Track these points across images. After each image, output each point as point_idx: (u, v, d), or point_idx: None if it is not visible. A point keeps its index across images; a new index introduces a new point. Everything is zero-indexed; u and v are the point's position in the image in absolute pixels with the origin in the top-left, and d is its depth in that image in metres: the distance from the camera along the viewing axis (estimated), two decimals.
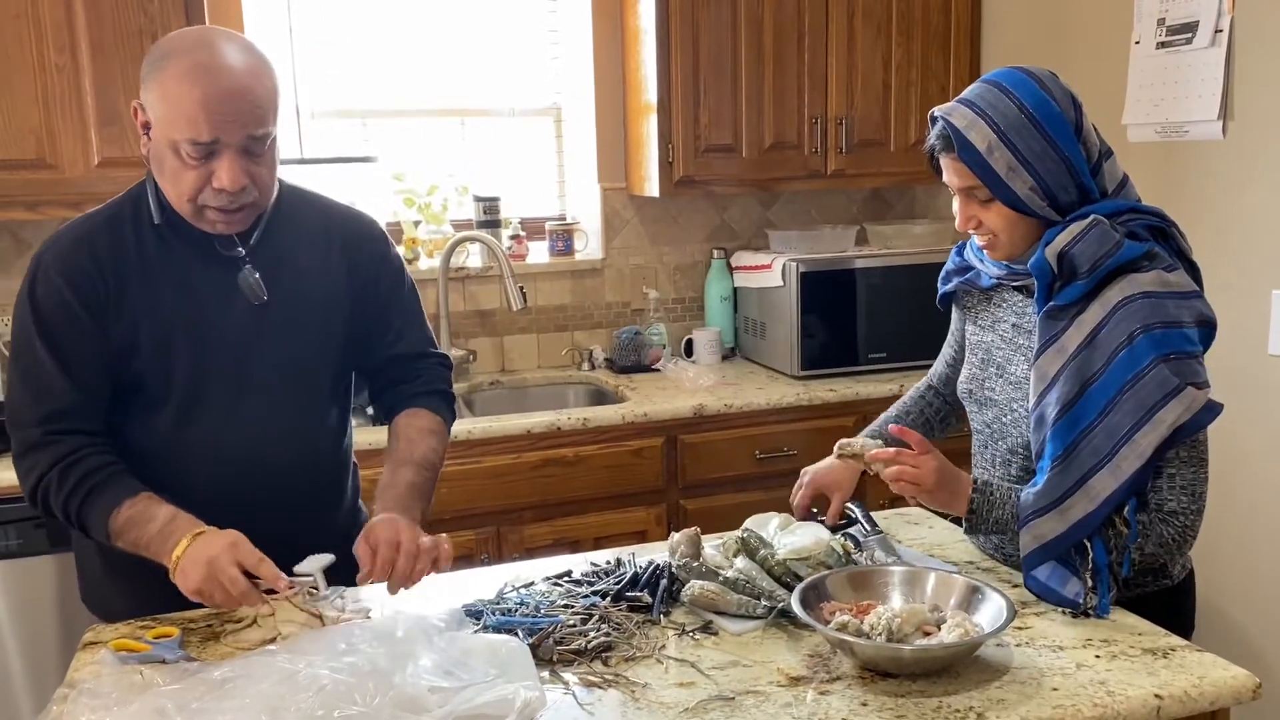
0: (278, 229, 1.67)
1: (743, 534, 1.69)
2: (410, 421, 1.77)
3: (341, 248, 1.73)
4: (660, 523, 2.87)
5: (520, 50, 3.42)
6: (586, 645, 1.44)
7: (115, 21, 2.60)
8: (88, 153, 2.63)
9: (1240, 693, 1.35)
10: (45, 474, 1.55)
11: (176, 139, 1.49)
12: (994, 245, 1.61)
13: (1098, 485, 1.48)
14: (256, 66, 1.53)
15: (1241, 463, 2.49)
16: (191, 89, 1.46)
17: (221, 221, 1.56)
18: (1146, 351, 1.46)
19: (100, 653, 1.45)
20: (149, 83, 1.51)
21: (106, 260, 1.58)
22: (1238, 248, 2.48)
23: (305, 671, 1.27)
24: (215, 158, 1.50)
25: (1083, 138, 1.53)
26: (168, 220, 1.60)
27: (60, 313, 1.56)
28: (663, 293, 3.49)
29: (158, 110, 1.50)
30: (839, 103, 3.21)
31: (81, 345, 1.57)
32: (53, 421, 1.56)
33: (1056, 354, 1.52)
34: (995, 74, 1.57)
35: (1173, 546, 1.51)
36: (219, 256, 1.62)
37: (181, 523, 1.51)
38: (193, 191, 1.52)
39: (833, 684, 1.35)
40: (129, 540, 1.53)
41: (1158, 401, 1.45)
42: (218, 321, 1.62)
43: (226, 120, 1.48)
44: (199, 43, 1.51)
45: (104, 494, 1.54)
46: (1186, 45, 2.55)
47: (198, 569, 1.45)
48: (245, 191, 1.53)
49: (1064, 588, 1.52)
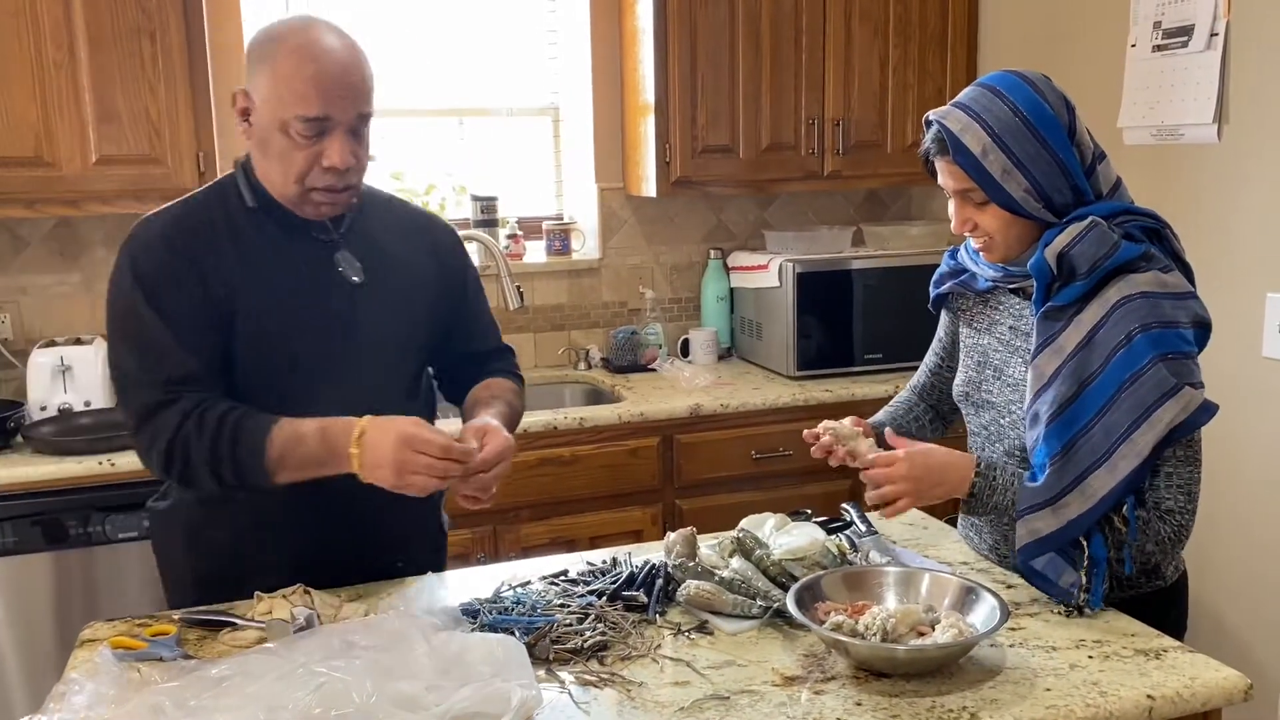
0: (365, 219, 1.70)
1: (738, 534, 1.69)
2: (490, 382, 1.81)
3: (430, 249, 1.77)
4: (656, 522, 2.88)
5: (518, 50, 3.42)
6: (582, 644, 1.45)
7: (113, 18, 2.60)
8: (85, 150, 2.63)
9: (1232, 694, 1.36)
10: (179, 427, 1.52)
11: (286, 117, 1.51)
12: (990, 247, 1.61)
13: (1095, 484, 1.48)
14: (359, 49, 1.58)
15: (1235, 464, 2.50)
16: (302, 65, 1.50)
17: (326, 203, 1.59)
18: (1144, 351, 1.47)
19: (97, 650, 1.46)
20: (257, 66, 1.53)
21: (203, 234, 1.59)
22: (1233, 251, 2.49)
23: (302, 670, 1.27)
24: (325, 136, 1.53)
25: (1076, 140, 1.55)
26: (262, 205, 1.61)
27: (164, 277, 1.56)
28: (659, 293, 3.49)
29: (266, 91, 1.52)
30: (836, 104, 3.22)
31: (189, 307, 1.56)
32: (170, 384, 1.55)
33: (1054, 354, 1.53)
34: (989, 77, 1.58)
35: (1169, 545, 1.52)
36: (313, 240, 1.64)
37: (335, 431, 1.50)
38: (301, 172, 1.54)
39: (827, 684, 1.36)
40: (294, 465, 1.52)
41: (1155, 401, 1.46)
42: (314, 302, 1.63)
43: (338, 96, 1.51)
44: (307, 25, 1.55)
45: (248, 430, 1.52)
46: (1182, 48, 2.56)
47: (385, 470, 1.47)
48: (351, 172, 1.56)
49: (1059, 578, 1.54)
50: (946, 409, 1.90)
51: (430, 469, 1.47)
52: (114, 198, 2.68)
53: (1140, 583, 1.62)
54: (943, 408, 1.90)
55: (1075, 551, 1.53)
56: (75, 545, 2.49)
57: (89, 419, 2.71)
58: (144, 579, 2.54)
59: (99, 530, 2.50)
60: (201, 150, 2.71)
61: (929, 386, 1.90)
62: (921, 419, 1.89)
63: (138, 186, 2.68)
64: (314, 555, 1.65)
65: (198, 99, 2.70)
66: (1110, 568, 1.51)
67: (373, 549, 1.63)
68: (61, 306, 2.97)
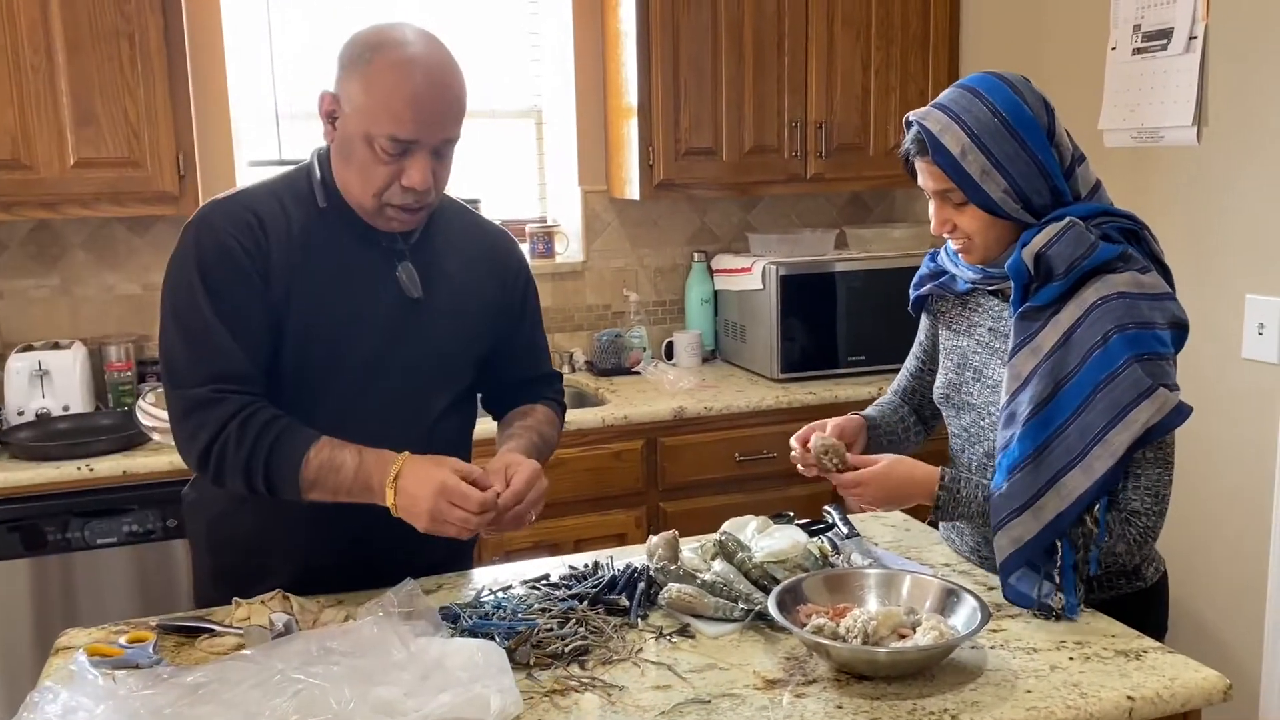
0: (433, 231, 1.68)
1: (720, 537, 1.69)
2: (529, 407, 1.82)
3: (489, 261, 1.75)
4: (640, 525, 2.87)
5: (501, 52, 3.42)
6: (563, 649, 1.44)
7: (91, 21, 2.58)
8: (63, 153, 2.61)
9: (1211, 694, 1.36)
10: (221, 430, 1.51)
11: (375, 133, 1.49)
12: (969, 248, 1.62)
13: (1070, 484, 1.48)
14: (458, 72, 1.55)
15: (1214, 465, 2.52)
16: (401, 85, 1.48)
17: (399, 220, 1.57)
18: (1120, 351, 1.47)
19: (73, 657, 1.44)
20: (350, 73, 1.51)
21: (270, 225, 1.57)
22: (1212, 252, 2.51)
23: (280, 676, 1.26)
24: (408, 155, 1.51)
25: (1055, 141, 1.55)
26: (333, 207, 1.60)
27: (226, 264, 1.54)
28: (643, 295, 3.49)
29: (358, 101, 1.50)
30: (818, 107, 3.23)
31: (248, 303, 1.54)
32: (220, 380, 1.53)
33: (1031, 354, 1.53)
34: (969, 79, 1.58)
35: (1134, 547, 1.52)
36: (380, 248, 1.62)
37: (371, 463, 1.50)
38: (381, 187, 1.53)
39: (809, 687, 1.36)
40: (327, 489, 1.52)
41: (1131, 401, 1.46)
42: (368, 311, 1.61)
43: (431, 121, 1.50)
44: (407, 40, 1.52)
45: (287, 446, 1.51)
46: (1162, 51, 2.58)
47: (420, 519, 1.47)
48: (429, 191, 1.54)
49: (1033, 591, 1.53)
50: (928, 413, 1.90)
51: (464, 521, 1.48)
52: (93, 200, 2.66)
53: (1121, 584, 1.63)
54: (924, 411, 1.90)
55: (1044, 559, 1.53)
56: (54, 551, 2.47)
57: (67, 424, 2.70)
58: (123, 585, 2.53)
59: (78, 536, 2.48)
60: (181, 152, 2.70)
61: (910, 389, 1.91)
62: (906, 420, 1.89)
63: (116, 189, 2.66)
64: (338, 554, 1.64)
65: (177, 101, 2.68)
66: (1077, 570, 1.52)
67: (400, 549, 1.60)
68: (40, 310, 2.95)
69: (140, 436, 2.60)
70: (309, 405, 1.60)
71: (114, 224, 2.97)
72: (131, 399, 2.83)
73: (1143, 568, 1.65)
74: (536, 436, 1.74)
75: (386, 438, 1.60)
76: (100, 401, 2.90)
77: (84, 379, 2.80)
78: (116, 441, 2.57)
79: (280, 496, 1.54)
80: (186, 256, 1.56)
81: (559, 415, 1.87)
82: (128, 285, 3.01)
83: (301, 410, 1.58)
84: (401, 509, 1.49)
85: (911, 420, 1.90)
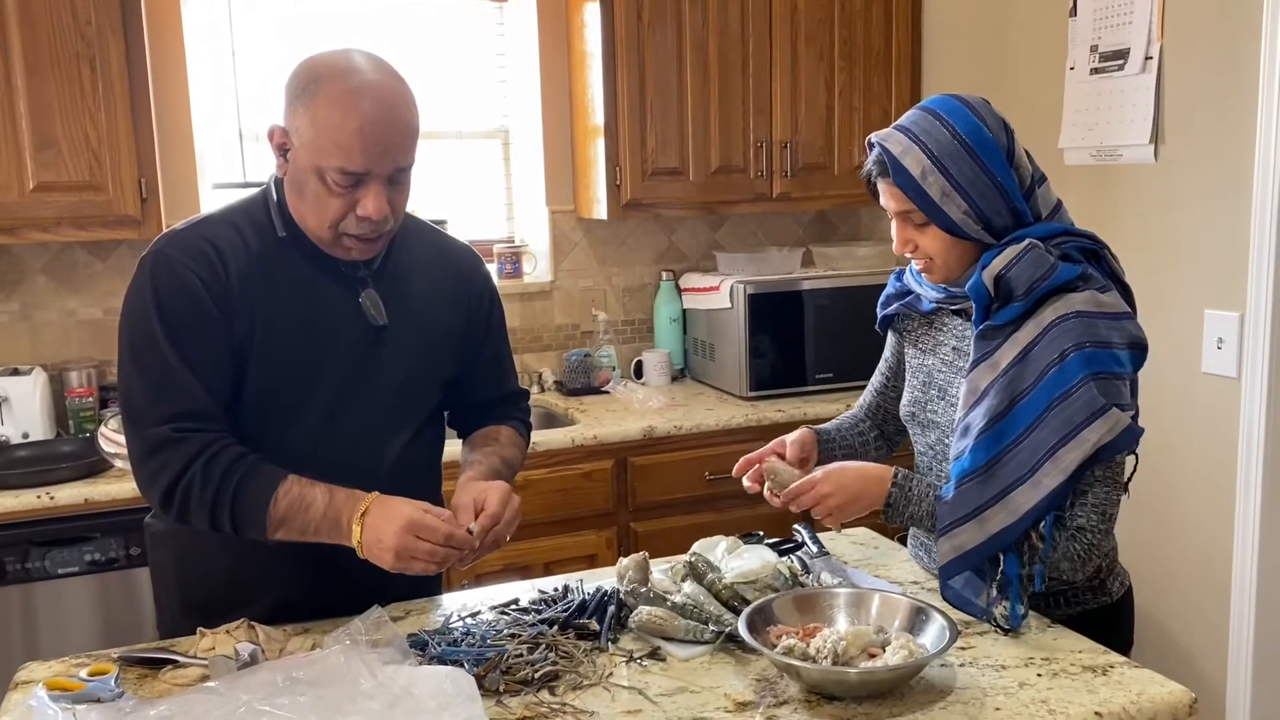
0: (395, 255, 1.66)
1: (690, 558, 1.69)
2: (493, 429, 1.81)
3: (454, 279, 1.74)
4: (611, 546, 2.86)
5: (468, 73, 3.42)
6: (533, 675, 1.43)
7: (51, 45, 2.56)
8: (23, 177, 2.58)
9: (1177, 708, 1.37)
10: (185, 470, 1.49)
11: (324, 166, 1.47)
12: (930, 269, 1.63)
13: (1019, 499, 1.50)
14: (407, 97, 1.53)
15: (1175, 478, 2.55)
16: (347, 119, 1.45)
17: (357, 249, 1.56)
18: (1076, 370, 1.48)
19: (33, 692, 1.41)
20: (295, 107, 1.49)
21: (229, 254, 1.55)
22: (1171, 268, 2.54)
23: (245, 709, 1.24)
24: (361, 187, 1.49)
25: (1015, 163, 1.57)
26: (292, 236, 1.58)
27: (185, 300, 1.52)
28: (612, 315, 3.49)
29: (305, 135, 1.48)
30: (783, 127, 3.25)
31: (206, 337, 1.52)
32: (181, 419, 1.51)
33: (988, 369, 1.55)
34: (930, 101, 1.60)
35: (1078, 563, 1.53)
36: (341, 276, 1.60)
37: (340, 501, 1.50)
38: (336, 218, 1.51)
39: (779, 708, 1.36)
40: (295, 528, 1.50)
41: (1084, 420, 1.47)
42: (334, 339, 1.59)
43: (379, 152, 1.47)
44: (351, 69, 1.49)
45: (253, 486, 1.50)
46: (1119, 71, 2.62)
47: (386, 555, 1.47)
48: (385, 220, 1.53)
49: (977, 597, 1.56)
50: (892, 429, 1.91)
51: (431, 555, 1.48)
52: (53, 225, 2.63)
53: (1087, 599, 1.64)
54: (888, 428, 1.91)
55: (990, 570, 1.54)
56: (13, 581, 2.43)
57: (27, 451, 2.66)
58: (86, 615, 2.49)
59: (38, 566, 2.43)
60: (143, 177, 2.67)
61: (875, 406, 1.92)
62: (866, 435, 1.91)
63: (77, 214, 2.63)
64: (314, 585, 1.62)
65: (139, 124, 2.66)
66: (1022, 584, 1.53)
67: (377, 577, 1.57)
68: None
69: (102, 464, 2.56)
70: (275, 437, 1.58)
71: (75, 248, 2.93)
72: (93, 425, 2.79)
73: (1108, 582, 1.66)
74: (499, 461, 1.74)
75: (356, 466, 1.59)
76: (61, 428, 2.86)
77: (44, 405, 2.76)
78: (78, 469, 2.53)
79: (245, 535, 1.52)
80: (143, 292, 1.53)
81: (524, 436, 1.87)
82: (89, 310, 2.98)
83: (268, 442, 1.57)
84: (367, 545, 1.48)
85: (872, 435, 1.91)
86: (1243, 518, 2.40)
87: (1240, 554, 2.41)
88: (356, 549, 1.49)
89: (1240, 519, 2.41)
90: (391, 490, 1.57)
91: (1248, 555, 2.39)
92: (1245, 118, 2.34)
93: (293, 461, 1.55)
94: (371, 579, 1.55)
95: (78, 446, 2.70)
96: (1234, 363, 2.41)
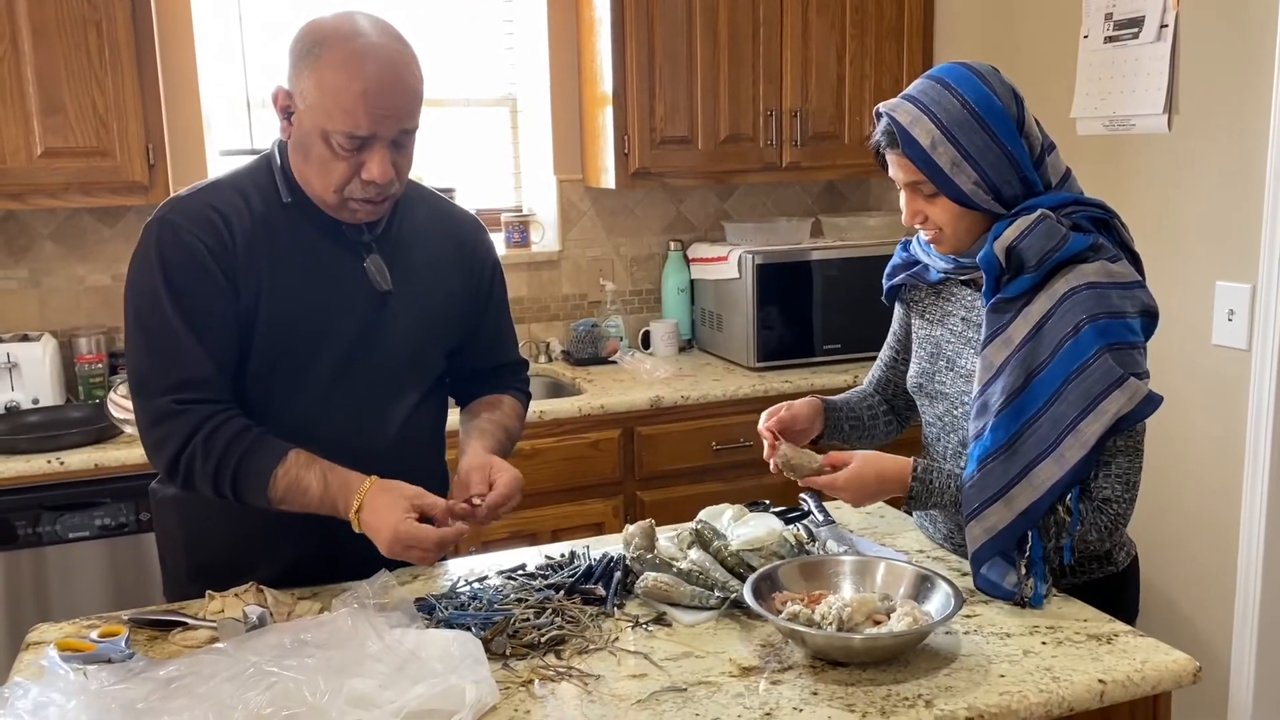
0: (399, 220, 1.67)
1: (696, 525, 1.69)
2: (494, 398, 1.82)
3: (457, 247, 1.74)
4: (617, 515, 2.87)
5: (475, 41, 3.40)
6: (539, 639, 1.44)
7: (58, 9, 2.54)
8: (30, 143, 2.57)
9: (1181, 676, 1.38)
10: (186, 443, 1.51)
11: (330, 129, 1.47)
12: (940, 239, 1.62)
13: (1042, 474, 1.49)
14: (411, 59, 1.52)
15: (1185, 450, 2.54)
16: (351, 82, 1.45)
17: (363, 212, 1.56)
18: (1092, 342, 1.48)
19: (44, 652, 1.43)
20: (300, 69, 1.48)
21: (234, 220, 1.55)
22: (1183, 239, 2.53)
23: (254, 669, 1.26)
24: (366, 150, 1.49)
25: (1025, 132, 1.55)
26: (297, 201, 1.58)
27: (190, 266, 1.52)
28: (619, 285, 3.49)
29: (311, 98, 1.48)
30: (793, 96, 3.23)
31: (211, 303, 1.53)
32: (182, 390, 1.52)
33: (1003, 344, 1.54)
34: (939, 69, 1.58)
35: (1105, 534, 1.53)
36: (346, 241, 1.60)
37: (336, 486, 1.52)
38: (341, 182, 1.51)
39: (784, 674, 1.36)
40: (294, 507, 1.53)
41: (1102, 391, 1.47)
42: (339, 305, 1.60)
43: (386, 115, 1.47)
44: (356, 32, 1.48)
45: (253, 461, 1.51)
46: (1133, 39, 2.59)
47: (383, 543, 1.49)
48: (390, 183, 1.53)
49: (1004, 580, 1.54)
50: (902, 404, 1.90)
51: (423, 560, 1.52)
52: (61, 191, 2.63)
53: (1093, 569, 1.64)
54: (898, 403, 1.90)
55: (1015, 551, 1.54)
56: (25, 545, 2.44)
57: (37, 417, 2.67)
58: (96, 579, 2.51)
59: (50, 530, 2.45)
60: (151, 142, 2.67)
61: (885, 380, 1.91)
62: (875, 410, 1.89)
63: (85, 179, 2.63)
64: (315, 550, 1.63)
65: (146, 90, 2.65)
66: (1049, 563, 1.53)
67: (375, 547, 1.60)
68: (8, 303, 2.91)
69: (111, 429, 2.57)
70: (280, 404, 1.59)
71: (83, 214, 2.93)
72: (102, 391, 2.81)
73: (1114, 552, 1.66)
74: (503, 434, 1.75)
75: (360, 434, 1.60)
76: (71, 394, 2.87)
77: (54, 371, 2.77)
78: (87, 434, 2.54)
79: (248, 505, 1.55)
80: (148, 259, 1.54)
81: (524, 406, 1.87)
82: (97, 276, 2.98)
83: (273, 409, 1.57)
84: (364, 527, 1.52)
85: (882, 410, 1.90)
86: (1250, 489, 2.40)
87: (1247, 525, 2.41)
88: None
89: (1248, 491, 2.41)
90: (396, 459, 1.58)
91: (1255, 526, 2.39)
92: (1260, 88, 2.31)
93: (298, 429, 1.56)
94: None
95: (87, 412, 2.71)
96: (1245, 335, 2.39)
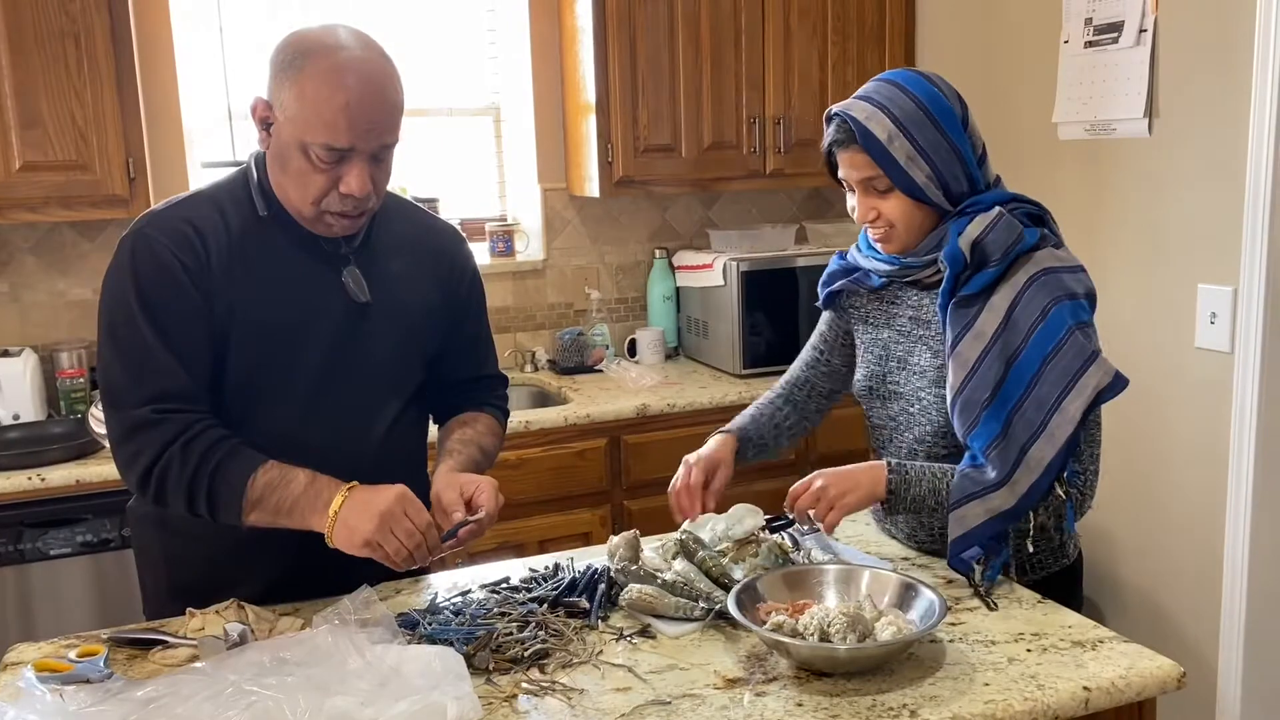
0: (377, 232, 1.66)
1: (681, 536, 1.69)
2: (470, 415, 1.80)
3: (435, 257, 1.73)
4: (605, 524, 2.87)
5: (458, 50, 3.39)
6: (523, 653, 1.43)
7: (35, 23, 2.53)
8: (9, 156, 2.56)
9: (1166, 682, 1.38)
10: (162, 453, 1.49)
11: (309, 141, 1.46)
12: (889, 237, 1.66)
13: (1037, 455, 1.53)
14: (393, 74, 1.52)
15: (1169, 453, 2.55)
16: (333, 94, 1.44)
17: (339, 225, 1.55)
18: (1061, 321, 1.54)
19: (21, 673, 1.41)
20: (281, 81, 1.47)
21: (209, 235, 1.54)
22: (1165, 242, 2.53)
23: (233, 689, 1.24)
24: (345, 163, 1.49)
25: (969, 131, 1.62)
26: (273, 214, 1.57)
27: (164, 281, 1.51)
28: (605, 293, 3.48)
29: (291, 110, 1.47)
30: (776, 102, 3.23)
31: (186, 318, 1.52)
32: (162, 400, 1.50)
33: (975, 339, 1.58)
34: (888, 74, 1.66)
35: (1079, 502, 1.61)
36: (323, 254, 1.59)
37: (324, 481, 1.50)
38: (318, 195, 1.50)
39: (769, 685, 1.36)
40: (269, 507, 1.49)
41: (1079, 368, 1.53)
42: (316, 319, 1.58)
43: (366, 129, 1.47)
44: (338, 45, 1.48)
45: (232, 466, 1.49)
46: (1113, 44, 2.60)
47: (368, 521, 1.45)
48: (368, 197, 1.52)
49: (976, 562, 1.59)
50: (812, 408, 1.93)
51: (409, 535, 1.47)
52: (40, 205, 2.61)
53: (1050, 564, 1.70)
54: (809, 406, 1.93)
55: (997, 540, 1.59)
56: (7, 563, 2.43)
57: (17, 433, 2.65)
58: (80, 596, 2.49)
59: (32, 547, 2.43)
60: (131, 155, 2.65)
61: (801, 380, 1.94)
62: (781, 425, 1.91)
63: (65, 193, 2.62)
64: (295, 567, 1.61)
65: (126, 103, 2.64)
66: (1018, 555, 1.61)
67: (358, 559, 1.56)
68: None
69: (93, 444, 2.55)
70: (258, 419, 1.57)
71: (63, 228, 2.92)
72: (84, 406, 2.78)
73: (1067, 545, 1.73)
74: (478, 451, 1.73)
75: (341, 448, 1.59)
76: (52, 409, 2.85)
77: (35, 386, 2.75)
78: (69, 450, 2.52)
79: (220, 520, 1.52)
80: (123, 273, 1.53)
81: (501, 423, 1.85)
82: (78, 290, 2.96)
83: (251, 424, 1.56)
84: (349, 511, 1.47)
85: (786, 413, 1.92)
86: (1235, 492, 2.40)
87: (1232, 528, 2.41)
88: (328, 530, 1.47)
89: (1232, 493, 2.41)
90: (378, 471, 1.56)
91: (1239, 529, 2.40)
92: (1239, 91, 2.32)
93: (277, 443, 1.55)
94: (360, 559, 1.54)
95: (68, 428, 2.69)
96: (1227, 337, 2.40)
